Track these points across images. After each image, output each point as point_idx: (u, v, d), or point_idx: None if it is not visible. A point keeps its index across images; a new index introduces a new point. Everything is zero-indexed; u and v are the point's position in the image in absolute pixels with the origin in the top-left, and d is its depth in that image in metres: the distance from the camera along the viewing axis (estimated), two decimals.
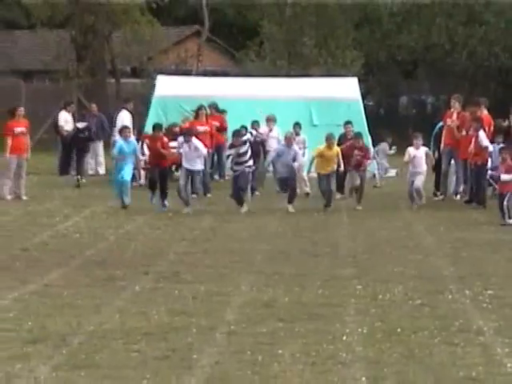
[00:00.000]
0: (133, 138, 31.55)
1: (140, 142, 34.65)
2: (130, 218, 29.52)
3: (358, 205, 30.04)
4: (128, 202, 28.81)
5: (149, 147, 29.66)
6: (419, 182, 30.41)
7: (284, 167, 27.98)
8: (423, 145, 30.95)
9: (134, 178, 34.97)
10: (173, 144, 34.85)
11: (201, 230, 26.71)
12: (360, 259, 22.20)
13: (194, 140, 29.00)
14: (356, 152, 30.27)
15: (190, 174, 28.01)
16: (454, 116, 35.31)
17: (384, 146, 32.82)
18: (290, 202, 28.81)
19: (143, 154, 32.49)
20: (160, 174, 28.99)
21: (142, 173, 35.93)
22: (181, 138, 29.28)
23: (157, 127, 34.74)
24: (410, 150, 30.59)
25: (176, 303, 17.47)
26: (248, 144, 29.18)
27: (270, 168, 29.35)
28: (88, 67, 68.02)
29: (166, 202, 28.60)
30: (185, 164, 28.35)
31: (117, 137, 39.39)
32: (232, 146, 29.45)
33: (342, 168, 31.16)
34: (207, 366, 13.05)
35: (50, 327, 15.52)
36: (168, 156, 30.92)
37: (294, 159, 28.81)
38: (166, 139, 31.61)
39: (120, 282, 19.62)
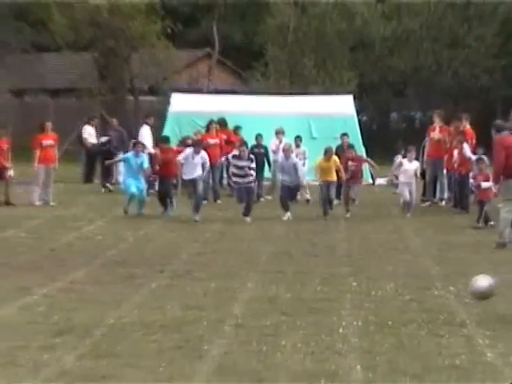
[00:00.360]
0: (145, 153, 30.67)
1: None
2: (148, 222, 29.58)
3: (346, 213, 29.52)
4: (139, 211, 28.89)
5: (159, 159, 29.28)
6: (412, 195, 30.10)
7: (289, 175, 27.52)
8: (415, 159, 30.45)
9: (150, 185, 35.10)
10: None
11: (211, 232, 26.73)
12: (355, 259, 22.28)
13: (203, 153, 28.81)
14: (350, 163, 29.52)
15: (192, 183, 27.44)
16: (437, 130, 35.54)
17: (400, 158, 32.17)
18: (286, 210, 28.30)
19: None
20: (169, 183, 28.50)
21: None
22: (189, 150, 28.27)
23: (164, 140, 34.86)
24: (404, 162, 30.20)
25: (188, 299, 17.50)
26: (253, 163, 28.49)
27: (279, 177, 27.89)
28: (109, 86, 68.14)
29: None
30: (188, 175, 27.88)
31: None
32: (235, 157, 28.86)
33: (343, 177, 30.36)
34: (217, 355, 13.15)
35: (75, 320, 15.57)
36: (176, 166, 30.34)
37: (296, 171, 28.21)
38: (174, 151, 30.96)
39: (138, 279, 19.66)
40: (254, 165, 28.67)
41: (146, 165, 30.75)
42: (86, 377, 11.94)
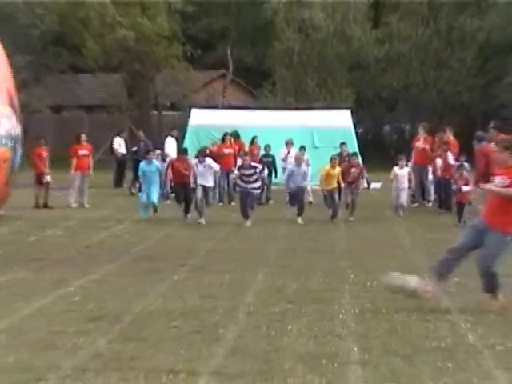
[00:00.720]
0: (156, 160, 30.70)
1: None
2: (169, 222, 29.58)
3: (350, 216, 29.15)
4: (145, 216, 28.64)
5: (173, 168, 28.95)
6: (403, 198, 29.87)
7: (294, 184, 27.12)
8: (406, 165, 30.44)
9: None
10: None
11: (225, 232, 26.77)
12: (353, 255, 22.32)
13: (207, 159, 28.15)
14: (353, 170, 29.21)
15: (204, 189, 27.13)
16: (421, 140, 35.76)
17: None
18: (300, 215, 27.67)
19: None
20: (183, 190, 28.06)
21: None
22: (194, 160, 27.98)
23: (182, 152, 34.83)
24: (395, 169, 30.04)
25: (206, 289, 17.66)
26: (258, 169, 27.89)
27: (289, 184, 28.02)
28: (136, 102, 68.40)
29: (188, 215, 27.57)
30: (200, 181, 27.28)
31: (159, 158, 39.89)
32: (240, 168, 28.06)
33: (342, 184, 30.19)
34: (231, 339, 13.35)
35: (106, 308, 15.75)
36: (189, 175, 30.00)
37: (304, 177, 28.10)
38: (189, 162, 30.39)
39: (162, 272, 19.80)
40: (258, 170, 28.34)
41: (160, 168, 30.61)
42: (117, 358, 12.10)
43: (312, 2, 65.53)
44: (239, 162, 31.00)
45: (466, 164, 28.84)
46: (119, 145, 46.27)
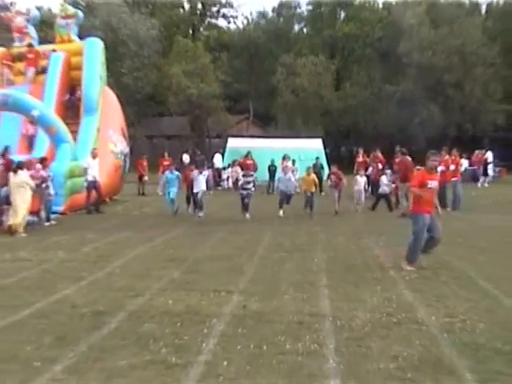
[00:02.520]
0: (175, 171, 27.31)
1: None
2: (212, 203, 29.32)
3: (336, 208, 26.41)
4: (173, 210, 25.74)
5: (185, 175, 27.79)
6: (362, 198, 27.81)
7: (284, 187, 25.34)
8: (363, 175, 29.35)
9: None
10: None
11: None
12: (323, 226, 21.96)
13: (204, 171, 25.60)
14: (332, 177, 27.37)
15: (197, 194, 24.23)
16: (361, 156, 35.93)
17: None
18: (280, 207, 25.40)
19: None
20: (193, 194, 25.07)
21: None
22: (195, 171, 24.86)
23: (188, 165, 34.65)
24: (357, 177, 28.47)
25: (236, 243, 17.52)
26: (254, 176, 25.50)
27: (279, 186, 26.01)
28: (196, 134, 68.68)
29: (200, 214, 24.08)
30: (195, 189, 24.30)
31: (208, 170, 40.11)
32: (244, 176, 25.67)
33: (318, 189, 29.43)
34: (250, 272, 13.32)
35: (178, 254, 15.69)
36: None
37: (290, 183, 25.67)
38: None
39: (210, 233, 19.61)
40: (254, 176, 25.88)
41: (179, 177, 27.11)
42: (184, 283, 12.22)
43: (300, 74, 65.53)
44: (244, 172, 27.67)
45: (388, 171, 28.61)
46: (186, 158, 46.38)
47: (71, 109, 30.00)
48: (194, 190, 24.39)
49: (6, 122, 27.72)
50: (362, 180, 27.95)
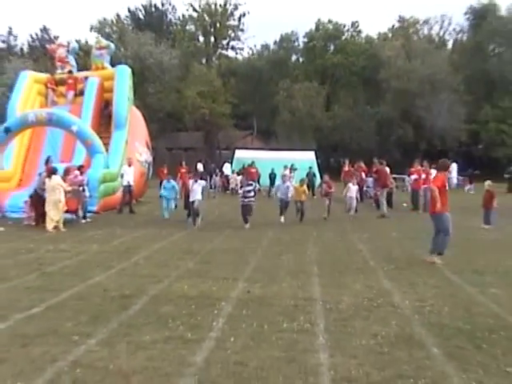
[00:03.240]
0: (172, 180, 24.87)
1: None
2: (222, 205, 29.36)
3: (325, 215, 24.23)
4: (168, 216, 23.50)
5: (183, 183, 26.81)
6: (353, 204, 25.80)
7: (283, 195, 23.08)
8: (355, 183, 26.75)
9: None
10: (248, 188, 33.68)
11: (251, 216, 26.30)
12: (316, 226, 21.88)
13: (199, 180, 21.98)
14: (324, 186, 25.56)
15: (193, 203, 21.11)
16: (347, 166, 35.18)
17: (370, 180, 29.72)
18: (281, 214, 22.87)
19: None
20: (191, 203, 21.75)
21: None
22: (191, 180, 22.05)
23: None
24: (350, 185, 26.12)
25: (242, 239, 17.47)
26: (254, 186, 22.40)
27: (278, 195, 23.48)
28: (208, 146, 68.84)
29: (197, 222, 21.23)
30: (191, 198, 21.21)
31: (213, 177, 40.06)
32: (242, 186, 23.31)
33: (310, 193, 27.83)
34: (254, 263, 13.34)
35: (192, 247, 15.69)
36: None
37: (287, 191, 23.26)
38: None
39: (219, 230, 19.55)
40: (254, 185, 22.61)
41: (176, 187, 24.62)
42: (198, 272, 12.22)
43: (296, 97, 65.58)
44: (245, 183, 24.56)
45: (370, 179, 28.43)
46: (200, 167, 46.37)
47: (104, 119, 30.27)
48: (190, 199, 21.49)
49: (51, 136, 27.90)
50: (354, 188, 26.30)
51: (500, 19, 66.31)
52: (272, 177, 39.87)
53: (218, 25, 73.74)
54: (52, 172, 20.21)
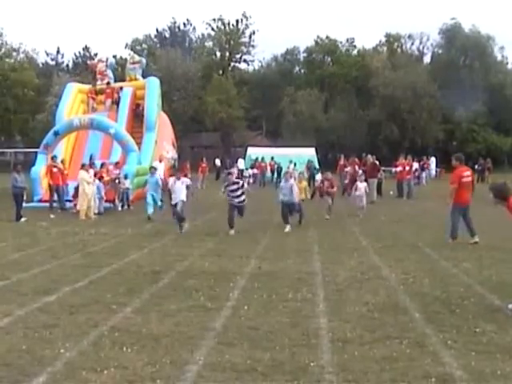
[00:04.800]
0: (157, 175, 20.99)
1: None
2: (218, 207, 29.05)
3: (327, 216, 19.04)
4: (151, 212, 18.64)
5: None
6: (363, 202, 19.77)
7: (285, 195, 16.63)
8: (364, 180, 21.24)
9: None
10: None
11: (252, 213, 25.85)
12: (315, 211, 21.69)
13: (183, 178, 16.71)
14: (326, 183, 19.71)
15: (176, 205, 15.42)
16: (342, 160, 34.46)
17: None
18: (300, 222, 17.41)
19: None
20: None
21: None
22: (171, 178, 16.79)
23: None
24: (358, 183, 20.27)
25: (254, 222, 17.37)
26: (240, 184, 16.06)
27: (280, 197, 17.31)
28: (224, 144, 68.64)
29: (182, 227, 15.50)
30: (173, 200, 15.60)
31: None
32: (227, 185, 16.05)
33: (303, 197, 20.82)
34: (264, 243, 13.39)
35: (212, 230, 15.65)
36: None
37: (292, 191, 16.77)
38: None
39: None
40: (241, 183, 16.27)
41: (160, 183, 20.30)
42: (217, 250, 12.33)
43: (299, 102, 65.37)
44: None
45: (360, 171, 28.13)
46: (218, 162, 46.31)
47: (137, 118, 30.31)
48: (172, 202, 15.94)
49: (92, 138, 28.03)
50: (362, 185, 20.94)
51: (467, 37, 66.73)
52: (278, 170, 39.70)
53: (232, 42, 73.68)
54: (81, 168, 20.12)
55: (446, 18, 70.55)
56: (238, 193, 15.70)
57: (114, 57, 58.44)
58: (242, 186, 16.14)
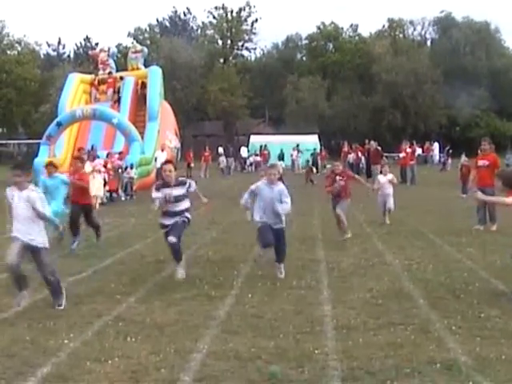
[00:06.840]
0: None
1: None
2: (239, 184, 28.96)
3: (341, 235, 12.28)
4: (53, 234, 16.81)
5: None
6: (390, 203, 14.54)
7: (267, 215, 13.58)
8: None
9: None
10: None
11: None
12: (318, 199, 21.60)
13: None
14: (337, 178, 12.23)
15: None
16: (346, 147, 34.79)
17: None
18: None
19: None
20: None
21: None
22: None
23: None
24: (380, 178, 15.03)
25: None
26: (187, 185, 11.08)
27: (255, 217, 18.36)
28: (228, 133, 68.57)
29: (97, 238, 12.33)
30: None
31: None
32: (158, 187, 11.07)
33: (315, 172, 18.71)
34: None
35: (215, 219, 15.59)
36: None
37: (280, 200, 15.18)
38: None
39: (238, 204, 19.45)
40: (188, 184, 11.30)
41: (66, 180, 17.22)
42: (223, 239, 12.35)
43: (302, 89, 65.26)
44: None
45: (363, 158, 27.88)
46: (221, 150, 46.33)
47: (141, 100, 30.29)
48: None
49: (95, 127, 28.01)
50: (385, 180, 14.81)
51: (460, 29, 67.00)
52: (280, 156, 39.77)
53: (233, 30, 73.42)
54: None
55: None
56: (181, 208, 10.35)
57: (118, 46, 58.68)
58: (188, 187, 10.33)
